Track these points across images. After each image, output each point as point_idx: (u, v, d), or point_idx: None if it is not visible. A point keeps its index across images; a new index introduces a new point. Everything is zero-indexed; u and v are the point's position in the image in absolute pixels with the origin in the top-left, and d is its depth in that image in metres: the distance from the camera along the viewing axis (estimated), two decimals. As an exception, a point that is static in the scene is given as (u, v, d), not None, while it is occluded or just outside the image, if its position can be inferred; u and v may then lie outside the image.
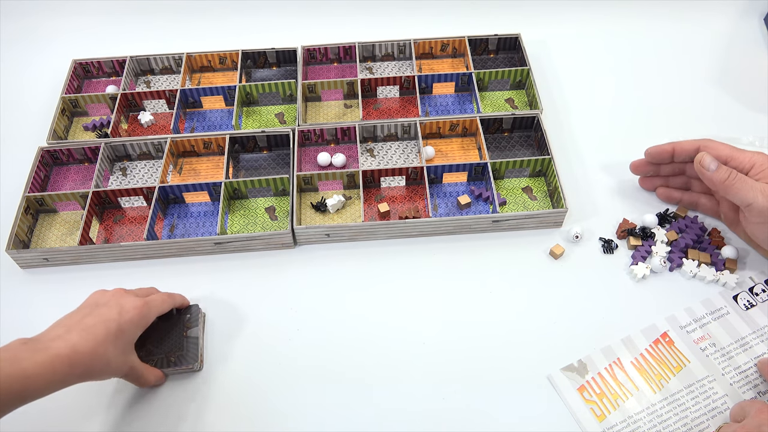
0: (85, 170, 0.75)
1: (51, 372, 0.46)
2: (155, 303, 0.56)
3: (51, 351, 0.47)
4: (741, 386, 0.57)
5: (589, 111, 0.80)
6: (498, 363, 0.59)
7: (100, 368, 0.50)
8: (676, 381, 0.57)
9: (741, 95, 0.81)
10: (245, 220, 0.70)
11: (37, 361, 0.46)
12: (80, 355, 0.48)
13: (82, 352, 0.48)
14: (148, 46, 0.86)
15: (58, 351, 0.47)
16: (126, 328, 0.52)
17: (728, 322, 0.61)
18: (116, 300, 0.54)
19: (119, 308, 0.53)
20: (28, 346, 0.47)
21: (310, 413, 0.56)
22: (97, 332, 0.50)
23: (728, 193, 0.59)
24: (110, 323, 0.51)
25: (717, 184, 0.60)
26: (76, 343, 0.48)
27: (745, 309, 0.62)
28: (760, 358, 0.58)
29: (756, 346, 0.59)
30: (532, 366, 0.58)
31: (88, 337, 0.49)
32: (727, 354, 0.59)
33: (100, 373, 0.51)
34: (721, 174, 0.59)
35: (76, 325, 0.50)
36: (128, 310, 0.53)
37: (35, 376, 0.46)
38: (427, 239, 0.68)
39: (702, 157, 0.61)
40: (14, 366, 0.45)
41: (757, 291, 0.63)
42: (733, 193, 0.59)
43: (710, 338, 0.60)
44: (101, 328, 0.50)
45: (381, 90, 0.81)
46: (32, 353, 0.46)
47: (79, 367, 0.48)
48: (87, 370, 0.49)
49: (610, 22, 0.90)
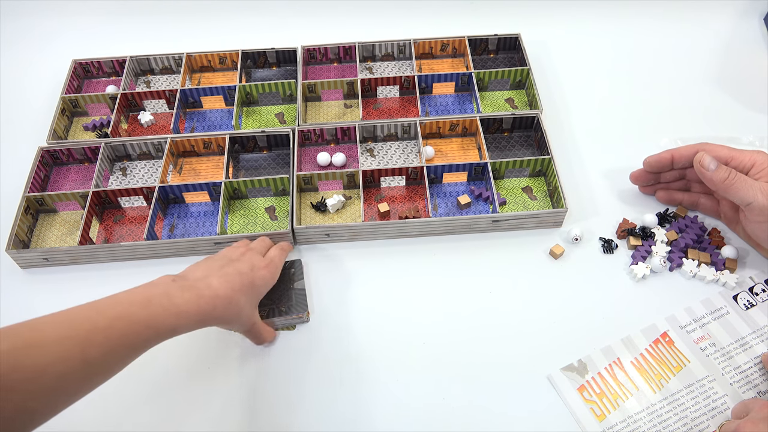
0: (85, 170, 0.75)
1: (196, 310, 0.49)
2: (279, 262, 0.60)
3: (196, 290, 0.50)
4: (741, 386, 0.57)
5: (589, 111, 0.80)
6: (498, 363, 0.59)
7: (231, 316, 0.52)
8: (676, 381, 0.57)
9: (741, 95, 0.81)
10: (245, 220, 0.70)
11: (187, 299, 0.48)
12: (220, 299, 0.51)
13: (221, 296, 0.51)
14: (148, 46, 0.86)
15: (201, 291, 0.50)
16: (258, 284, 0.55)
17: (728, 322, 0.61)
18: (249, 257, 0.57)
19: (251, 264, 0.56)
20: (177, 284, 0.50)
21: (309, 414, 0.56)
22: (234, 281, 0.53)
23: (728, 192, 0.59)
24: (245, 276, 0.54)
25: (717, 184, 0.60)
26: (217, 287, 0.51)
27: (745, 309, 0.62)
28: (760, 357, 0.58)
29: (756, 346, 0.59)
30: (532, 366, 0.58)
31: (226, 284, 0.52)
32: (727, 354, 0.59)
33: (230, 321, 0.53)
34: (721, 173, 0.59)
35: (215, 272, 0.53)
36: (260, 267, 0.56)
37: (185, 312, 0.48)
38: (427, 239, 0.68)
39: (702, 157, 0.61)
40: (170, 301, 0.47)
41: (757, 291, 0.63)
42: (733, 193, 0.59)
43: (710, 338, 0.60)
44: (237, 279, 0.53)
45: (381, 90, 0.81)
46: (182, 290, 0.49)
47: (217, 310, 0.50)
48: (222, 315, 0.51)
49: (610, 22, 0.90)
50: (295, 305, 0.61)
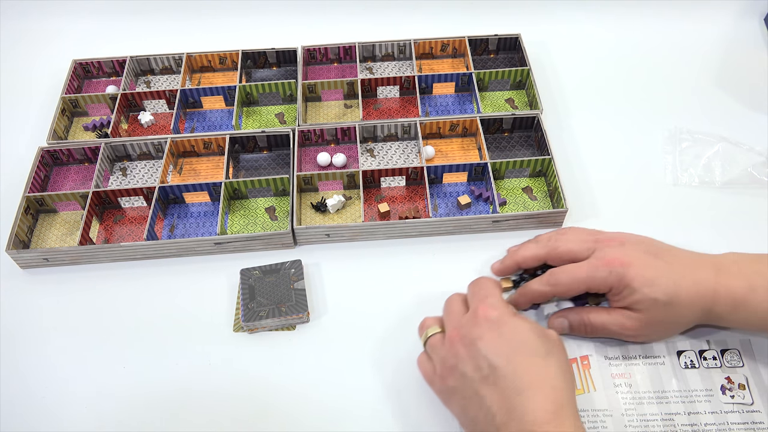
0: (85, 170, 0.75)
1: None
2: None
3: None
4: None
5: (590, 111, 0.80)
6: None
7: None
8: None
9: (741, 95, 0.81)
10: (245, 220, 0.70)
11: None
12: None
13: None
14: (148, 46, 0.86)
15: None
16: None
17: (657, 372, 0.56)
18: None
19: None
20: None
21: (309, 414, 0.56)
22: None
23: (596, 335, 0.56)
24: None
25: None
26: None
27: (683, 367, 0.56)
28: (666, 415, 0.54)
29: (674, 404, 0.54)
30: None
31: None
32: (638, 398, 0.55)
33: None
34: (578, 331, 0.56)
35: None
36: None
37: None
38: (427, 239, 0.68)
39: (552, 323, 0.57)
40: None
41: (707, 356, 0.57)
42: (599, 335, 0.56)
43: (629, 378, 0.56)
44: None
45: (381, 90, 0.81)
46: None
47: None
48: None
49: (610, 22, 0.90)
50: (295, 305, 0.61)
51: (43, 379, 0.58)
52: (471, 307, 0.52)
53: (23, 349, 0.60)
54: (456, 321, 0.52)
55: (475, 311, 0.50)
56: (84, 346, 0.61)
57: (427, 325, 0.54)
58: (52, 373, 0.59)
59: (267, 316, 0.60)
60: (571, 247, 0.56)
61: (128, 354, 0.60)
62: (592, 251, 0.55)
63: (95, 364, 0.59)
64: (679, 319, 0.54)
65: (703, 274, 0.52)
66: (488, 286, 0.53)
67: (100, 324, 0.62)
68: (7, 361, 0.60)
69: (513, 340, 0.48)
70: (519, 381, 0.46)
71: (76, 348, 0.60)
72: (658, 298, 0.51)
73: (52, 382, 0.58)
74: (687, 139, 0.75)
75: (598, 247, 0.55)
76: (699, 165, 0.73)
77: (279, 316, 0.60)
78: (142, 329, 0.62)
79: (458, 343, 0.49)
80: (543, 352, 0.48)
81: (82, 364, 0.59)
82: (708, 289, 0.51)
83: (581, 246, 0.56)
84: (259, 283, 0.62)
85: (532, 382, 0.46)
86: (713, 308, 0.52)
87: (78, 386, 0.58)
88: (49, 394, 0.58)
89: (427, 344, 0.53)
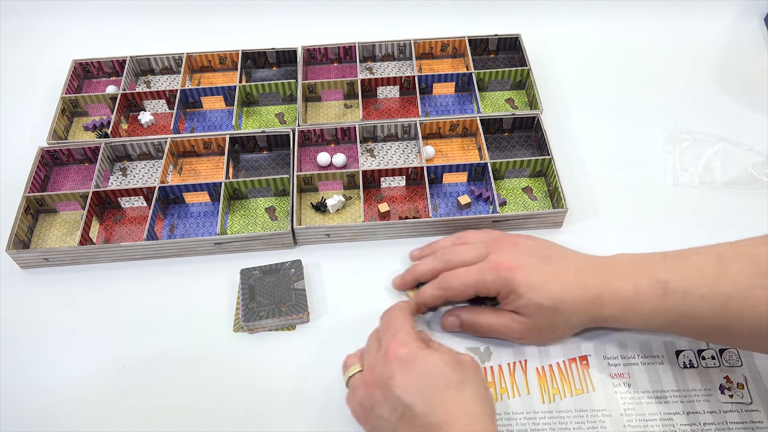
0: (85, 170, 0.75)
1: None
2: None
3: None
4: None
5: (590, 111, 0.80)
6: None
7: None
8: (570, 401, 0.55)
9: (741, 95, 0.81)
10: (245, 220, 0.70)
11: None
12: None
13: None
14: (148, 46, 0.86)
15: None
16: None
17: (656, 372, 0.56)
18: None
19: None
20: None
21: (309, 414, 0.56)
22: None
23: (485, 336, 0.58)
24: None
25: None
26: None
27: (682, 367, 0.57)
28: (665, 414, 0.54)
29: (672, 404, 0.54)
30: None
31: None
32: (637, 399, 0.55)
33: None
34: (469, 330, 0.58)
35: None
36: None
37: None
38: (427, 239, 0.68)
39: (444, 323, 0.59)
40: None
41: (706, 356, 0.57)
42: (489, 335, 0.58)
43: (629, 378, 0.56)
44: None
45: (381, 90, 0.81)
46: None
47: None
48: None
49: (610, 22, 0.90)
50: (295, 305, 0.61)
51: (43, 379, 0.58)
52: (383, 345, 0.51)
53: (23, 349, 0.61)
54: (371, 361, 0.51)
55: (386, 351, 0.50)
56: (84, 346, 0.61)
57: (348, 365, 0.54)
58: (52, 373, 0.59)
59: (267, 316, 0.60)
60: (463, 257, 0.57)
61: (128, 354, 0.60)
62: (485, 256, 0.56)
63: (95, 364, 0.59)
64: (566, 324, 0.54)
65: (590, 278, 0.52)
66: (398, 320, 0.53)
67: (100, 324, 0.62)
68: (7, 361, 0.60)
69: (424, 376, 0.47)
70: (435, 416, 0.45)
71: (76, 348, 0.60)
72: (543, 304, 0.52)
73: (52, 382, 0.58)
74: (687, 139, 0.75)
75: (491, 251, 0.56)
76: (699, 165, 0.73)
77: (279, 316, 0.60)
78: (142, 329, 0.62)
79: (372, 384, 0.49)
80: (456, 382, 0.48)
81: (82, 364, 0.59)
82: (594, 294, 0.52)
83: (474, 254, 0.56)
84: (259, 283, 0.62)
85: (449, 415, 0.45)
86: (601, 312, 0.52)
87: (78, 386, 0.58)
88: (49, 394, 0.58)
89: (349, 384, 0.53)
